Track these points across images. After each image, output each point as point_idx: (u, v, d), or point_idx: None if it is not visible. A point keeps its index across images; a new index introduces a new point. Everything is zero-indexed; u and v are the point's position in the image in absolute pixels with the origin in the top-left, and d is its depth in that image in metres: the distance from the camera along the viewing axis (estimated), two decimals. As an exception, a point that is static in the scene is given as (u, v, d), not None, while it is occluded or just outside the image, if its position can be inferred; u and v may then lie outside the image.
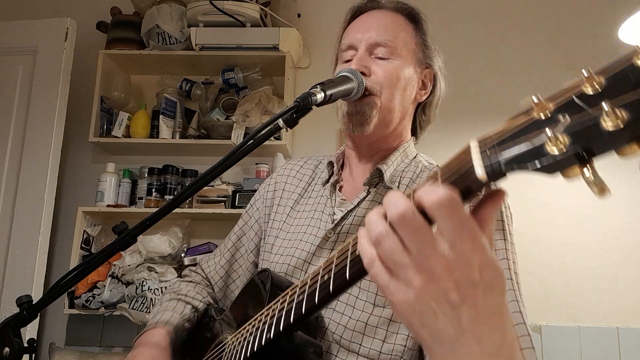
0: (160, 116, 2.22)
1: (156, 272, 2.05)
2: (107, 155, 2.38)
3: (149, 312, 1.94)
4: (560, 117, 0.36)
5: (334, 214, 0.92)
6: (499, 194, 0.43)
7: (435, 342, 0.42)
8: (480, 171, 0.39)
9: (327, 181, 0.98)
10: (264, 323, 0.67)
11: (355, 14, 0.98)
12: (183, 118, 2.32)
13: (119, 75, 2.35)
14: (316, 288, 0.55)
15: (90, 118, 2.21)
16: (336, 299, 0.55)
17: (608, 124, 0.33)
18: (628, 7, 1.78)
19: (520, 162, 0.37)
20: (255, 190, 1.16)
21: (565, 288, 2.11)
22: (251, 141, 0.70)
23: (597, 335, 2.08)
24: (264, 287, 0.80)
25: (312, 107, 0.72)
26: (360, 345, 0.79)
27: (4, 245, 2.04)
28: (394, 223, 0.41)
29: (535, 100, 0.38)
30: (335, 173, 0.98)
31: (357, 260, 0.47)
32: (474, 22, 2.45)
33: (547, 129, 0.35)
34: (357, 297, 0.82)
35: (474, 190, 0.40)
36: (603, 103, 0.33)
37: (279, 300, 0.67)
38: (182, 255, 2.13)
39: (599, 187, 0.34)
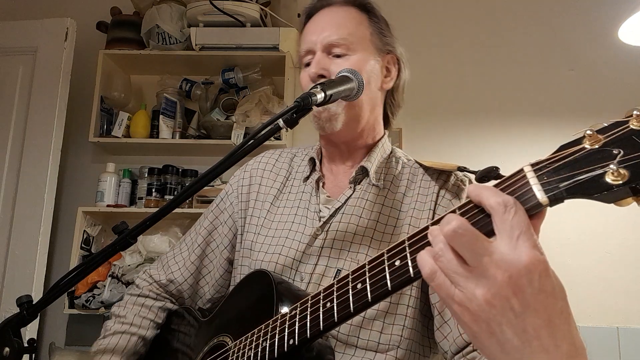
0: (160, 116, 2.22)
1: (156, 272, 2.05)
2: (107, 155, 2.38)
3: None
4: (614, 150, 0.40)
5: (320, 211, 0.92)
6: (545, 210, 0.45)
7: (502, 353, 0.43)
8: (540, 195, 0.42)
9: (308, 177, 0.98)
10: (285, 329, 0.67)
11: (309, 14, 0.97)
12: (183, 118, 2.32)
13: (119, 75, 2.35)
14: (349, 297, 0.57)
15: (90, 118, 2.21)
16: (374, 306, 0.57)
17: None
18: (628, 7, 1.78)
19: (582, 192, 0.41)
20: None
21: (565, 288, 2.11)
22: (251, 141, 0.70)
23: (597, 335, 2.08)
24: (268, 291, 0.77)
25: (312, 107, 0.72)
26: (358, 338, 0.81)
27: (4, 245, 2.04)
28: (449, 238, 0.44)
29: (589, 132, 0.41)
30: (317, 170, 0.97)
31: (400, 272, 0.51)
32: (474, 22, 2.45)
33: (608, 162, 0.39)
34: None
35: (528, 210, 0.43)
36: None
37: (297, 307, 0.67)
38: (182, 255, 2.13)
39: None
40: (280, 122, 0.70)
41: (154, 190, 2.19)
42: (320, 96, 0.73)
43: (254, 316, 0.77)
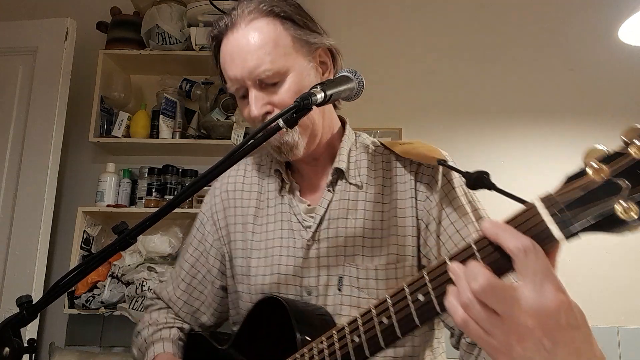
0: (160, 116, 2.22)
1: (156, 272, 2.05)
2: (107, 155, 2.38)
3: (149, 312, 1.94)
4: (620, 182, 0.41)
5: (305, 220, 0.90)
6: (559, 244, 0.47)
7: None
8: (557, 232, 0.45)
9: (281, 189, 0.94)
10: None
11: (218, 39, 0.89)
12: (183, 118, 2.32)
13: (119, 75, 2.35)
14: (376, 333, 0.58)
15: (90, 118, 2.21)
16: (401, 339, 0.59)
17: None
18: (628, 7, 1.78)
19: (596, 229, 0.43)
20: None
21: (565, 288, 2.11)
22: (251, 141, 0.69)
23: (597, 335, 2.04)
24: (286, 321, 0.76)
25: (312, 107, 0.72)
26: None
27: (4, 245, 2.04)
28: (479, 296, 0.46)
29: (595, 165, 0.43)
30: (287, 180, 0.94)
31: (426, 308, 0.53)
32: (474, 22, 2.45)
33: (617, 198, 0.41)
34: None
35: (544, 246, 0.46)
36: None
37: (323, 341, 0.67)
38: (182, 255, 2.13)
39: None
40: (280, 122, 0.69)
41: (154, 190, 2.19)
42: (320, 96, 0.72)
43: (274, 347, 0.77)
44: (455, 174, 0.87)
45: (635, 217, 0.40)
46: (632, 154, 0.41)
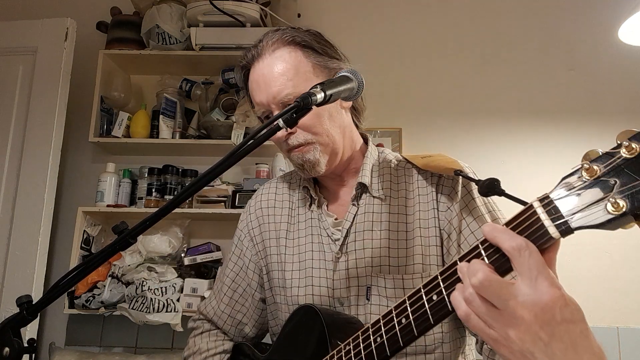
0: (160, 116, 2.22)
1: (156, 272, 2.05)
2: (107, 155, 2.38)
3: (149, 312, 1.94)
4: (611, 180, 0.45)
5: (333, 234, 0.94)
6: (558, 242, 0.51)
7: None
8: (553, 230, 0.48)
9: (310, 204, 0.99)
10: None
11: (245, 69, 0.97)
12: (183, 118, 2.32)
13: (119, 75, 2.35)
14: (396, 332, 0.62)
15: (90, 118, 2.21)
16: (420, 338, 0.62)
17: None
18: (628, 7, 1.78)
19: (588, 225, 0.46)
20: (254, 190, 1.15)
21: (565, 288, 2.11)
22: (251, 141, 0.69)
23: (597, 335, 2.06)
24: (319, 327, 0.81)
25: (312, 107, 0.72)
26: None
27: (4, 245, 2.04)
28: (478, 290, 0.50)
29: (587, 166, 0.46)
30: (314, 195, 0.99)
31: (439, 307, 0.57)
32: (474, 22, 2.45)
33: (607, 195, 0.44)
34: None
35: (543, 244, 0.49)
36: None
37: (349, 343, 0.71)
38: (182, 255, 2.13)
39: None
40: (280, 122, 0.70)
41: (154, 190, 2.19)
42: (320, 96, 0.72)
43: (309, 353, 0.81)
44: (474, 185, 0.90)
45: (621, 212, 0.43)
46: (622, 154, 0.45)
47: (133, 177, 2.28)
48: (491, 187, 0.68)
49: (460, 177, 0.89)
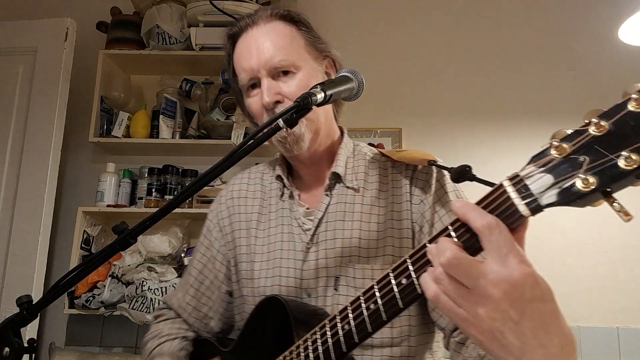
0: (160, 116, 2.22)
1: (156, 272, 2.05)
2: (107, 155, 2.38)
3: (149, 312, 1.94)
4: (580, 158, 0.44)
5: (304, 224, 0.93)
6: (527, 221, 0.50)
7: (506, 354, 0.48)
8: (523, 208, 0.47)
9: (282, 194, 0.98)
10: (310, 354, 0.69)
11: (234, 37, 0.95)
12: (183, 118, 2.32)
13: (119, 75, 2.35)
14: (364, 318, 0.61)
15: (90, 118, 2.21)
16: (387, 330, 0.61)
17: (625, 166, 0.41)
18: (628, 7, 1.78)
19: (558, 201, 0.46)
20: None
21: (565, 288, 2.11)
22: (251, 141, 0.69)
23: (597, 335, 2.08)
24: (284, 318, 0.79)
25: (312, 107, 0.72)
26: (373, 337, 0.83)
27: (4, 245, 2.04)
28: (446, 269, 0.49)
29: (556, 144, 0.46)
30: (287, 186, 0.98)
31: (408, 291, 0.56)
32: (474, 22, 2.45)
33: (577, 171, 0.44)
34: None
35: (513, 222, 0.49)
36: (623, 151, 0.41)
37: (316, 332, 0.69)
38: (182, 255, 2.13)
39: (624, 212, 0.43)
40: (280, 122, 0.70)
41: (154, 190, 2.19)
42: (320, 96, 0.72)
43: (273, 345, 0.78)
44: (447, 179, 0.90)
45: (591, 188, 0.43)
46: (590, 132, 0.44)
47: (133, 177, 2.28)
48: (462, 173, 0.68)
49: (434, 172, 0.90)
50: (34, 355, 0.73)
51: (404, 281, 0.56)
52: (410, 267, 0.56)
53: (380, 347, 0.83)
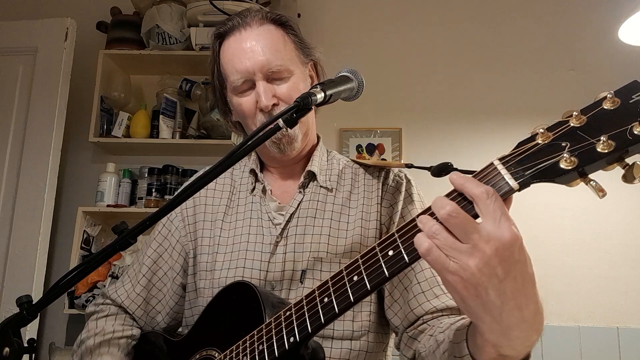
0: (160, 116, 2.23)
1: (156, 272, 2.05)
2: (107, 155, 2.38)
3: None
4: (562, 143, 0.51)
5: (275, 218, 0.94)
6: (511, 198, 0.54)
7: (485, 312, 0.52)
8: (512, 182, 0.52)
9: (254, 188, 0.99)
10: (283, 329, 0.68)
11: (222, 36, 0.95)
12: (183, 118, 2.32)
13: (119, 75, 2.35)
14: (347, 289, 0.61)
15: (90, 118, 2.21)
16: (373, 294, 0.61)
17: (602, 149, 0.49)
18: (628, 7, 1.78)
19: (544, 177, 0.51)
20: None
21: (565, 288, 2.11)
22: (251, 141, 0.69)
23: (597, 335, 2.07)
24: (254, 299, 0.77)
25: (312, 107, 0.72)
26: (334, 329, 0.85)
27: (4, 245, 2.04)
28: (444, 221, 0.52)
29: (541, 130, 0.53)
30: (260, 180, 0.99)
31: (395, 260, 0.58)
32: (474, 22, 2.45)
33: (561, 152, 0.50)
34: None
35: (503, 195, 0.52)
36: (602, 136, 0.49)
37: (291, 308, 0.69)
38: (182, 255, 2.13)
39: (598, 189, 0.49)
40: (280, 122, 0.70)
41: (154, 190, 2.20)
42: (320, 96, 0.72)
43: (242, 326, 0.77)
44: (415, 191, 0.96)
45: (572, 166, 0.49)
46: (570, 124, 0.52)
47: (133, 177, 2.28)
48: (444, 169, 0.73)
49: (404, 181, 0.95)
50: (34, 355, 0.73)
51: (390, 252, 0.58)
52: (398, 240, 0.58)
53: (340, 339, 0.85)
